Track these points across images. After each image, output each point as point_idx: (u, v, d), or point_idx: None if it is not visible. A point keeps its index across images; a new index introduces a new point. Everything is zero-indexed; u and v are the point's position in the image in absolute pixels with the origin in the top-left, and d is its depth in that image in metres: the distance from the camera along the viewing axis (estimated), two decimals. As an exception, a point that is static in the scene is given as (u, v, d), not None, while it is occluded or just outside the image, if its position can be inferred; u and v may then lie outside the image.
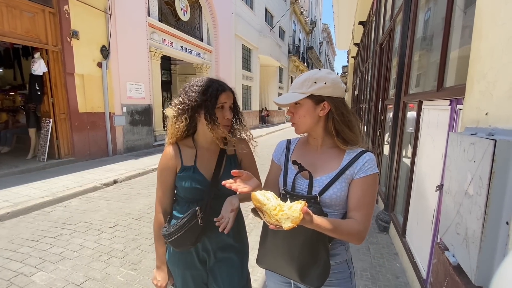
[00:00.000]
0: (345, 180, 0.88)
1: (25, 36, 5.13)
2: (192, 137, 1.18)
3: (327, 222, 0.78)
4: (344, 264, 0.95)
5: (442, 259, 0.88)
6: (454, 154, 0.83)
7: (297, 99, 0.90)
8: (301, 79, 0.91)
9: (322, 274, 0.85)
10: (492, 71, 0.70)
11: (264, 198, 0.74)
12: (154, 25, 8.36)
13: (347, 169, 0.88)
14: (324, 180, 0.90)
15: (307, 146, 1.02)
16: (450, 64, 1.82)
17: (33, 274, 2.28)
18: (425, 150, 2.07)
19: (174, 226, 1.08)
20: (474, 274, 0.66)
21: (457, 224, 0.77)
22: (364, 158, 0.88)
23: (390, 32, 3.78)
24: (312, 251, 0.86)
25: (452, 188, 0.82)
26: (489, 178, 0.62)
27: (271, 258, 0.94)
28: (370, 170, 0.86)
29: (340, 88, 0.91)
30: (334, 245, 0.93)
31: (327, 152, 0.95)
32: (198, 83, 1.10)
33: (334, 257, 0.93)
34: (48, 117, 5.71)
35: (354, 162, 0.88)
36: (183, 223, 1.07)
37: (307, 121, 0.92)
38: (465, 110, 0.86)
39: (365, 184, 0.86)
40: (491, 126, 0.69)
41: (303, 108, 0.91)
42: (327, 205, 0.89)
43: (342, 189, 0.88)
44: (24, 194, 4.00)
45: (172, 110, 1.13)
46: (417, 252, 2.11)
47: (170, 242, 1.10)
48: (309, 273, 0.86)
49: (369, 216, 0.86)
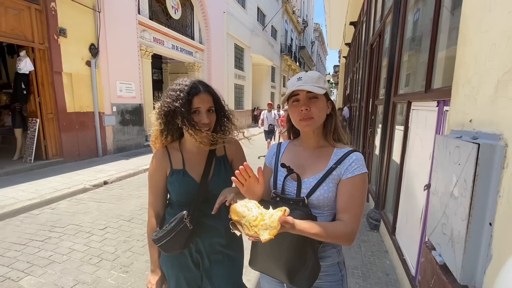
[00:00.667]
0: (332, 180, 0.88)
1: (10, 34, 4.98)
2: (179, 141, 1.17)
3: (312, 226, 0.77)
4: (335, 267, 0.94)
5: (429, 258, 0.90)
6: (440, 156, 0.85)
7: (322, 92, 0.88)
8: (315, 75, 0.90)
9: (311, 276, 0.86)
10: (476, 76, 0.72)
11: (244, 210, 0.73)
12: (144, 23, 8.23)
13: (334, 170, 0.88)
14: (311, 182, 0.90)
15: (297, 148, 1.02)
16: (438, 65, 1.86)
17: (21, 279, 2.23)
18: (414, 150, 2.11)
19: (163, 231, 1.08)
20: (459, 274, 0.68)
21: (443, 225, 0.79)
22: (350, 158, 0.88)
23: (380, 33, 3.84)
24: (300, 254, 0.85)
25: (439, 189, 0.84)
26: (473, 180, 0.64)
27: (261, 261, 0.94)
28: (357, 170, 0.86)
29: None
30: (324, 248, 0.93)
31: (316, 153, 0.95)
32: (175, 87, 1.07)
33: (325, 259, 0.93)
34: (35, 117, 5.56)
35: (341, 163, 0.88)
36: (171, 228, 1.06)
37: (322, 116, 0.92)
38: (450, 113, 0.89)
39: (352, 185, 0.86)
40: (475, 129, 0.71)
41: (321, 102, 0.90)
42: (315, 206, 0.89)
43: (330, 190, 0.87)
44: (11, 196, 3.89)
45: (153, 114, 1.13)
46: (406, 250, 2.15)
47: (160, 247, 1.09)
48: (297, 275, 0.86)
49: (357, 217, 0.85)
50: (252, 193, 0.88)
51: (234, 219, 0.74)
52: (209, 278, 1.19)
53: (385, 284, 2.19)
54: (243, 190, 0.87)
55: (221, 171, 1.17)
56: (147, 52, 8.44)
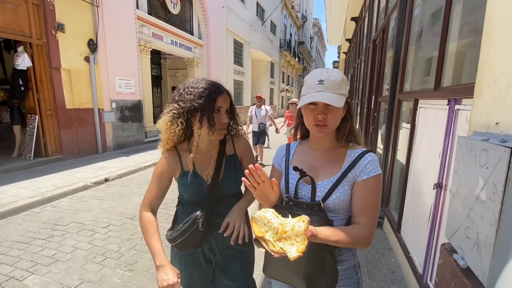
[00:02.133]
0: (348, 183, 0.86)
1: (7, 29, 4.88)
2: (189, 141, 1.15)
3: (334, 233, 0.76)
4: (351, 270, 0.93)
5: (449, 261, 0.89)
6: (463, 158, 0.83)
7: (343, 103, 0.84)
8: (338, 78, 0.83)
9: (331, 282, 0.84)
10: (505, 78, 0.70)
11: (264, 222, 0.70)
12: (143, 18, 8.12)
13: (349, 172, 0.86)
14: (326, 185, 0.87)
15: (307, 149, 0.99)
16: (448, 62, 1.84)
17: (25, 278, 2.21)
18: (421, 148, 2.10)
19: (177, 231, 1.10)
20: (487, 278, 0.67)
21: (466, 228, 0.77)
22: (365, 159, 0.86)
23: (384, 29, 3.80)
24: (319, 261, 0.84)
25: (461, 192, 0.83)
26: (504, 185, 0.62)
27: (277, 269, 0.91)
28: (373, 171, 0.84)
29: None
30: (341, 251, 0.91)
31: (329, 154, 0.92)
32: (194, 85, 1.05)
33: (341, 263, 0.91)
34: (34, 113, 5.49)
35: (356, 164, 0.86)
36: (185, 228, 1.08)
37: (337, 124, 0.88)
38: (473, 114, 0.87)
39: (368, 187, 0.84)
40: (503, 132, 0.69)
41: (339, 110, 0.85)
42: (330, 210, 0.87)
43: (345, 192, 0.85)
44: (11, 194, 3.85)
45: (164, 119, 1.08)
46: (412, 247, 2.16)
47: (175, 246, 1.12)
48: (317, 282, 0.84)
49: (374, 220, 0.84)
50: (266, 199, 0.86)
51: (258, 236, 0.70)
52: (223, 271, 1.22)
53: (390, 282, 2.20)
54: (255, 194, 0.85)
55: (231, 170, 1.17)
56: (146, 47, 8.34)
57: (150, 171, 5.66)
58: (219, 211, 1.16)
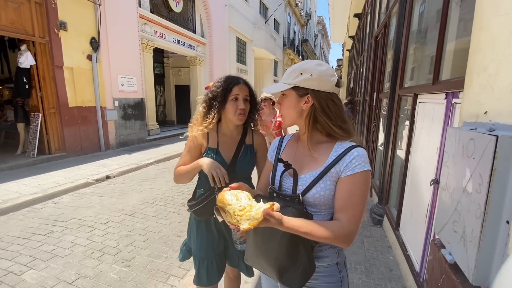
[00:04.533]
0: (330, 178, 0.83)
1: (10, 28, 4.94)
2: (218, 124, 1.36)
3: (303, 224, 0.73)
4: (333, 268, 0.90)
5: (438, 256, 0.86)
6: (452, 149, 0.80)
7: (281, 90, 0.90)
8: (290, 69, 0.90)
9: (302, 276, 0.82)
10: (494, 64, 0.67)
11: (233, 198, 0.71)
12: (145, 17, 8.14)
13: (333, 167, 0.83)
14: (307, 179, 0.86)
15: (298, 143, 0.98)
16: (446, 57, 1.79)
17: (24, 273, 2.23)
18: (420, 144, 2.06)
19: (196, 199, 1.31)
20: (472, 274, 0.64)
21: (454, 222, 0.75)
22: (351, 154, 0.82)
23: (385, 25, 3.74)
24: (290, 252, 0.82)
25: (450, 185, 0.80)
26: (489, 175, 0.59)
27: (253, 256, 0.92)
28: (358, 167, 0.80)
29: (328, 82, 0.85)
30: (322, 247, 0.88)
31: (316, 148, 0.90)
32: (220, 80, 1.31)
33: (322, 259, 0.89)
34: (37, 111, 5.56)
35: (340, 159, 0.83)
36: (204, 197, 1.28)
37: (291, 113, 0.91)
38: (463, 104, 0.84)
39: (352, 183, 0.80)
40: (492, 121, 0.66)
41: (287, 99, 0.91)
42: (311, 204, 0.85)
43: (327, 187, 0.83)
44: (14, 190, 3.91)
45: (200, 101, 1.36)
46: (410, 245, 2.12)
47: (194, 212, 1.32)
48: (287, 274, 0.83)
49: (356, 218, 0.79)
50: None
51: (219, 205, 0.72)
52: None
53: (388, 280, 2.17)
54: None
55: (246, 156, 1.36)
56: (148, 46, 8.37)
57: (152, 169, 5.69)
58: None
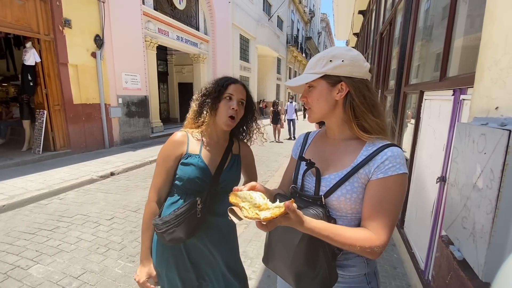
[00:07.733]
0: (359, 180, 0.74)
1: (16, 25, 4.97)
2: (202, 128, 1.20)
3: (327, 227, 0.67)
4: (361, 278, 0.81)
5: (445, 253, 0.85)
6: (461, 145, 0.79)
7: (309, 80, 0.79)
8: (315, 57, 0.80)
9: (321, 286, 0.75)
10: (506, 57, 0.65)
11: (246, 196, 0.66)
12: (149, 14, 8.15)
13: (362, 167, 0.74)
14: (332, 179, 0.77)
15: (325, 140, 0.90)
16: (454, 53, 1.77)
17: (30, 267, 2.26)
18: (426, 141, 2.04)
19: (171, 215, 1.04)
20: (482, 270, 0.64)
21: (463, 218, 0.74)
22: (385, 154, 0.72)
23: (391, 21, 3.70)
24: (309, 258, 0.74)
25: (459, 181, 0.79)
26: (501, 170, 0.58)
27: (272, 259, 0.86)
28: (392, 170, 0.70)
29: (362, 67, 0.77)
30: (348, 255, 0.79)
31: (344, 146, 0.81)
32: (215, 78, 1.18)
33: (348, 269, 0.80)
34: (42, 108, 5.60)
35: (371, 159, 0.73)
36: (181, 212, 1.04)
37: (322, 105, 0.80)
38: (473, 99, 0.82)
39: (383, 187, 0.70)
40: (503, 115, 0.65)
41: (317, 90, 0.80)
42: (335, 208, 0.77)
43: (354, 190, 0.74)
44: (20, 186, 3.95)
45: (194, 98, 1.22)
46: (415, 243, 2.11)
47: (163, 233, 1.04)
48: (305, 281, 0.76)
49: (387, 228, 0.69)
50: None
51: (232, 201, 0.66)
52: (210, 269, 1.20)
53: (392, 278, 2.16)
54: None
55: (233, 167, 1.20)
56: (152, 43, 8.38)
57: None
58: (211, 207, 1.14)
